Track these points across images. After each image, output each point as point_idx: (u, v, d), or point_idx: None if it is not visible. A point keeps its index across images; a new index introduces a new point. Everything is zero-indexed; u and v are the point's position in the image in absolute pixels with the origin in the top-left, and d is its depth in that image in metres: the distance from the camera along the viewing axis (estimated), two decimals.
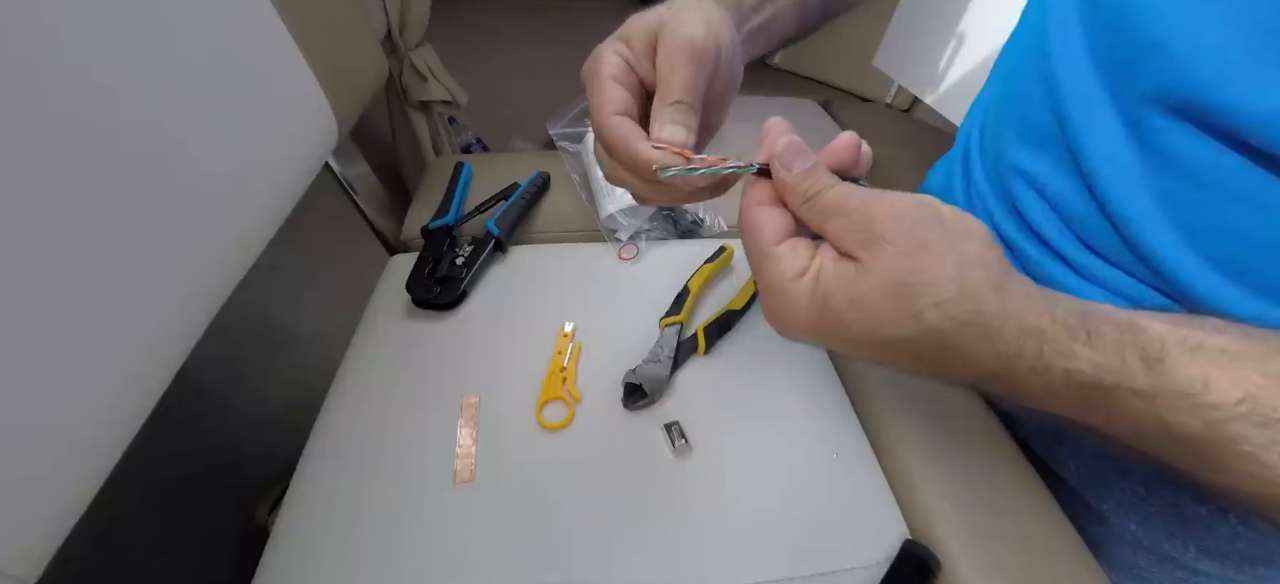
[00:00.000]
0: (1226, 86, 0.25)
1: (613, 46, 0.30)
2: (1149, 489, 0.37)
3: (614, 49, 0.30)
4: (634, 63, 0.30)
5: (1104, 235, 0.32)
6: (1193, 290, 0.28)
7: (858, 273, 0.23)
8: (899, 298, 0.22)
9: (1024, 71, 0.36)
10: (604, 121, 0.29)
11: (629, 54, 0.30)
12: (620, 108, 0.29)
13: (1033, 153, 0.35)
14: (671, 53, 0.28)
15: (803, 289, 0.24)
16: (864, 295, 0.22)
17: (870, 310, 0.22)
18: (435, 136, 0.97)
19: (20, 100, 0.27)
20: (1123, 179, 0.30)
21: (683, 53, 0.28)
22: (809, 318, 0.24)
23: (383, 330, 0.54)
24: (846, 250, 0.23)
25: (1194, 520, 0.35)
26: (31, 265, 0.28)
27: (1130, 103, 0.29)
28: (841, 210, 0.24)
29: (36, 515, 0.29)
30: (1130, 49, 0.29)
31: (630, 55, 0.30)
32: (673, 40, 0.28)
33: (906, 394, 0.50)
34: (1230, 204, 0.26)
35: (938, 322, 0.22)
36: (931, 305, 0.21)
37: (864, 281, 0.22)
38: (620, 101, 0.29)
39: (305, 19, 0.48)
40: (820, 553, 0.41)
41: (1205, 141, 0.26)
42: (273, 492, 0.77)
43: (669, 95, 0.28)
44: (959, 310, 0.21)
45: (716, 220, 0.68)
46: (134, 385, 0.34)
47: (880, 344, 0.23)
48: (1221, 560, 0.35)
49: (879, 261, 0.22)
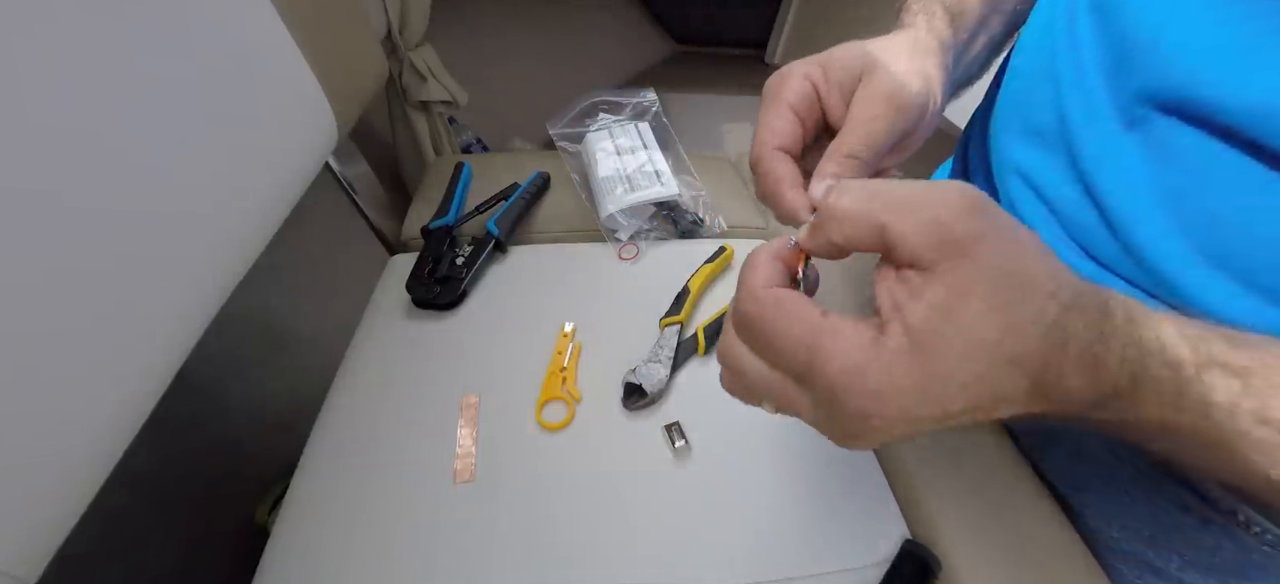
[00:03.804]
0: (1217, 81, 0.25)
1: (804, 68, 0.27)
2: (1132, 497, 0.36)
3: (804, 71, 0.27)
4: (824, 92, 0.27)
5: (1100, 238, 0.31)
6: (1189, 292, 0.28)
7: (955, 288, 0.18)
8: (1013, 302, 0.18)
9: (1031, 70, 0.36)
10: (761, 152, 0.26)
11: (821, 81, 0.27)
12: (783, 142, 0.26)
13: (1033, 152, 0.35)
14: (874, 100, 0.25)
15: (896, 351, 0.18)
16: (978, 313, 0.17)
17: (990, 328, 0.17)
18: (435, 136, 0.97)
19: (20, 101, 0.27)
20: (1120, 178, 0.30)
21: (878, 103, 0.25)
22: (924, 393, 0.18)
23: (383, 330, 0.54)
24: (922, 262, 0.18)
25: (1176, 529, 0.35)
26: (31, 265, 0.28)
27: (1127, 100, 0.29)
28: (907, 206, 0.19)
29: (36, 515, 0.29)
30: (1125, 47, 0.29)
31: (822, 84, 0.27)
32: (879, 87, 0.25)
33: None
34: (1227, 199, 0.26)
35: (1056, 314, 0.18)
36: (1048, 297, 0.18)
37: (973, 292, 0.18)
38: (785, 135, 0.26)
39: (305, 19, 0.48)
40: (820, 553, 0.41)
41: (1201, 137, 0.26)
42: (273, 492, 0.77)
43: (846, 144, 0.25)
44: (1067, 295, 0.18)
45: (716, 220, 0.68)
46: (134, 385, 0.34)
47: (1003, 368, 0.18)
48: (1205, 572, 0.35)
49: (977, 260, 0.18)
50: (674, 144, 0.70)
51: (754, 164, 0.26)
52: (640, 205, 0.63)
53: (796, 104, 0.26)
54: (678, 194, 0.64)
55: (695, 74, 1.66)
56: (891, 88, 0.25)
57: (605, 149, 0.66)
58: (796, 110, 0.26)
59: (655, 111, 0.72)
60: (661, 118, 0.72)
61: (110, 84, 0.32)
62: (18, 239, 0.27)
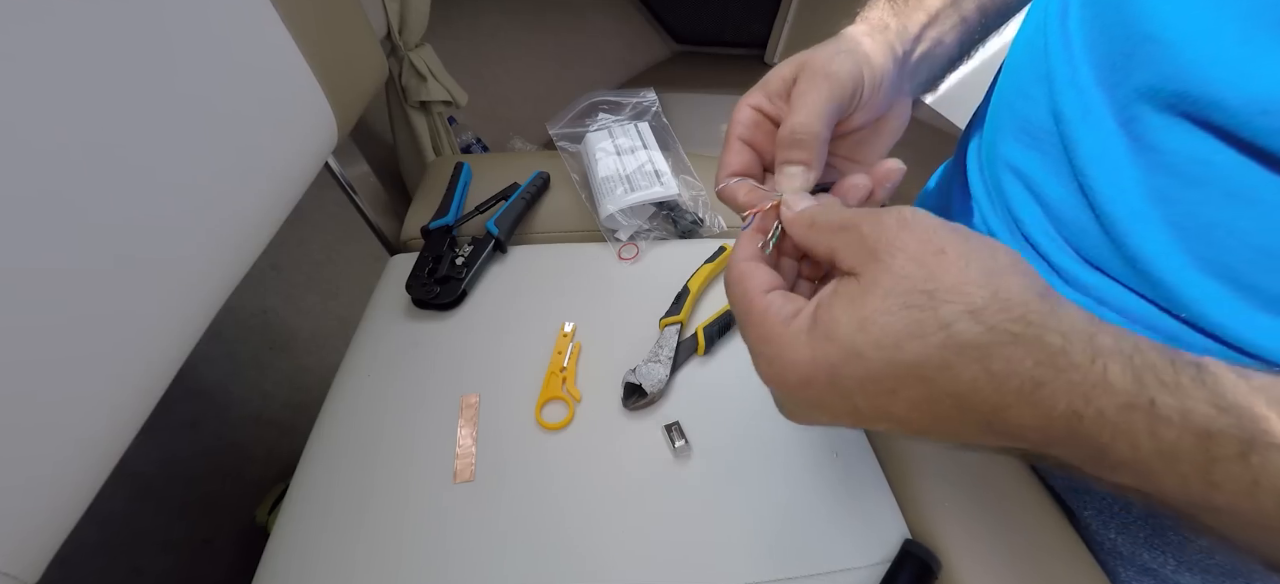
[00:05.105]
0: (1219, 76, 0.25)
1: (748, 100, 0.30)
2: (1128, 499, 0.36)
3: (749, 102, 0.30)
4: (770, 110, 0.29)
5: (1093, 239, 0.31)
6: (1181, 294, 0.28)
7: (863, 287, 0.19)
8: (918, 307, 0.18)
9: (1025, 68, 0.36)
10: (720, 185, 0.29)
11: (764, 103, 0.29)
12: (735, 169, 0.29)
13: (1028, 151, 0.35)
14: (807, 80, 0.27)
15: (797, 329, 0.20)
16: (875, 311, 0.18)
17: (884, 329, 0.18)
18: (435, 136, 0.97)
19: (21, 102, 0.27)
20: (1114, 178, 0.29)
21: (813, 79, 0.27)
22: (810, 366, 0.20)
23: (383, 330, 0.54)
24: (850, 268, 0.20)
25: (1172, 532, 0.35)
26: (31, 266, 0.28)
27: (1124, 98, 0.29)
28: (848, 226, 0.21)
29: (36, 515, 0.29)
30: (1125, 43, 0.29)
31: (766, 104, 0.29)
32: (809, 75, 0.28)
33: None
34: (1222, 202, 0.26)
35: (975, 334, 0.17)
36: (964, 313, 0.17)
37: (872, 294, 0.19)
38: (739, 162, 0.29)
39: (305, 19, 0.48)
40: (820, 553, 0.41)
41: (1198, 137, 0.26)
42: (273, 492, 0.77)
43: (787, 126, 0.27)
44: (999, 319, 0.17)
45: (716, 220, 0.68)
46: (134, 385, 0.34)
47: (906, 377, 0.18)
48: (1202, 573, 0.35)
49: (889, 269, 0.19)
50: (674, 144, 0.70)
51: (719, 196, 0.30)
52: (640, 205, 0.63)
53: (743, 134, 0.30)
54: (677, 194, 0.64)
55: (695, 74, 1.66)
56: (817, 71, 0.27)
57: (605, 149, 0.66)
58: (745, 139, 0.30)
59: (655, 111, 0.72)
60: (661, 118, 0.72)
61: (110, 84, 0.32)
62: (18, 239, 0.27)
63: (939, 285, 0.18)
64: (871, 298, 0.19)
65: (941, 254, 0.19)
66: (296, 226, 0.52)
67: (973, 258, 0.18)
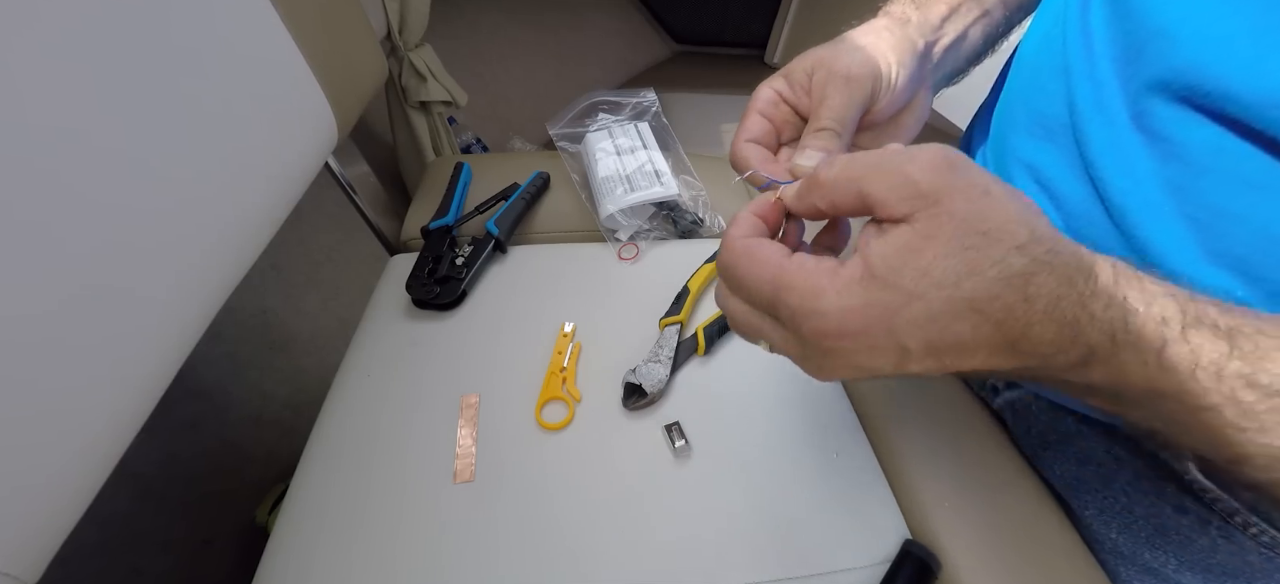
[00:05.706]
0: (1230, 69, 0.25)
1: (770, 82, 0.32)
2: (1131, 499, 0.36)
3: (771, 84, 0.32)
4: (791, 97, 0.31)
5: (1105, 233, 0.31)
6: (1191, 286, 0.28)
7: (924, 233, 0.19)
8: (975, 247, 0.19)
9: (1040, 63, 0.36)
10: (735, 146, 0.31)
11: (786, 88, 0.31)
12: (753, 135, 0.31)
13: (1041, 145, 0.35)
14: (824, 83, 0.29)
15: (849, 278, 0.20)
16: (938, 255, 0.19)
17: (946, 270, 0.19)
18: (435, 136, 0.97)
19: (21, 101, 0.27)
20: (1127, 169, 0.29)
21: (835, 83, 0.29)
22: (864, 313, 0.20)
23: (383, 330, 0.54)
24: (899, 214, 0.20)
25: (1174, 532, 0.35)
26: (31, 265, 0.28)
27: (1137, 91, 0.29)
28: (885, 168, 0.21)
29: (36, 515, 0.29)
30: (1137, 36, 0.29)
31: (788, 90, 0.31)
32: (827, 72, 0.29)
33: (907, 394, 0.50)
34: (1236, 189, 0.26)
35: (1021, 265, 0.19)
36: (1013, 249, 0.19)
37: (936, 239, 0.19)
38: (755, 130, 0.31)
39: (305, 19, 0.48)
40: (820, 553, 0.41)
41: (1210, 128, 0.26)
42: (273, 492, 0.77)
43: (816, 123, 0.29)
44: (1037, 251, 0.19)
45: (716, 220, 0.68)
46: (134, 385, 0.34)
47: (962, 310, 0.19)
48: (1204, 572, 0.35)
49: (951, 213, 0.19)
50: (674, 144, 0.70)
51: (732, 158, 0.32)
52: (640, 205, 0.63)
53: (764, 109, 0.31)
54: (677, 194, 0.64)
55: (695, 74, 1.66)
56: (836, 70, 0.29)
57: (605, 149, 0.66)
58: (764, 113, 0.31)
59: (655, 111, 0.72)
60: (661, 118, 0.72)
61: (110, 84, 0.32)
62: (18, 239, 0.27)
63: (991, 225, 0.19)
64: (935, 243, 0.19)
65: (987, 195, 0.20)
66: (296, 227, 0.52)
67: (1010, 198, 0.20)
